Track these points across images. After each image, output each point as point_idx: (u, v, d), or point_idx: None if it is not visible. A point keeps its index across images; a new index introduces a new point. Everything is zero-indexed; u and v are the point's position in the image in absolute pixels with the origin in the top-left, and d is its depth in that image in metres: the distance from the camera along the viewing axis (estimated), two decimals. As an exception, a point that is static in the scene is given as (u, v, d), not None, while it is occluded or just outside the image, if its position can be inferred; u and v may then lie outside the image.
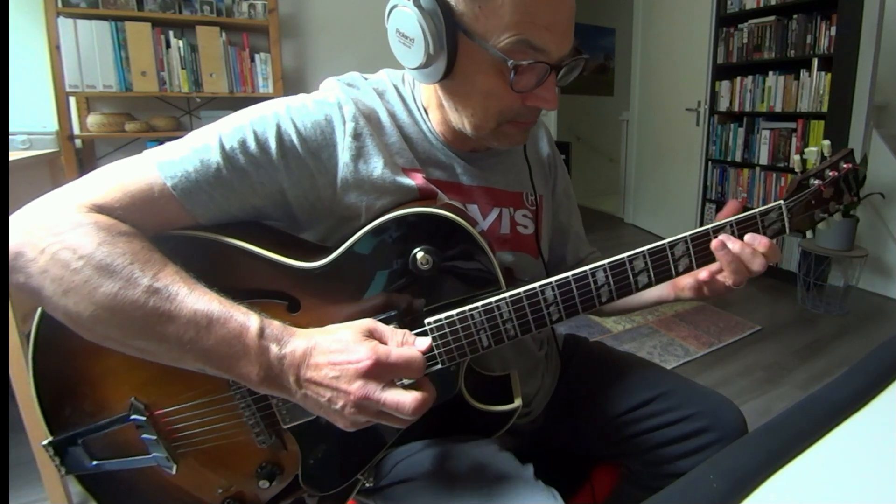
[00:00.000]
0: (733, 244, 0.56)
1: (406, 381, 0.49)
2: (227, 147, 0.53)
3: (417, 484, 0.60)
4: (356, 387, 0.45)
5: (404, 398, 0.46)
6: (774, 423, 0.48)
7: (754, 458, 0.43)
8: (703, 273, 0.61)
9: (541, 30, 0.51)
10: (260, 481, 0.57)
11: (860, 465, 0.44)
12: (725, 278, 0.59)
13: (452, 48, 0.53)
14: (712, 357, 2.10)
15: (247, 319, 0.46)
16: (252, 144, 0.53)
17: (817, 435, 0.46)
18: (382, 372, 0.46)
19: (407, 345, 0.49)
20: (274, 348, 0.46)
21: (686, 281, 0.65)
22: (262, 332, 0.46)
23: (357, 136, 0.57)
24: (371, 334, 0.49)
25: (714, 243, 0.56)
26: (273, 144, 0.54)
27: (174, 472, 0.56)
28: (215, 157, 0.52)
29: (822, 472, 0.42)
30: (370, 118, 0.60)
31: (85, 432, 0.55)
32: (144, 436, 0.55)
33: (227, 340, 0.45)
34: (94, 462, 0.56)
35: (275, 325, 0.48)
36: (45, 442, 0.55)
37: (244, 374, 0.46)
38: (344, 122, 0.57)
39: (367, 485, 0.62)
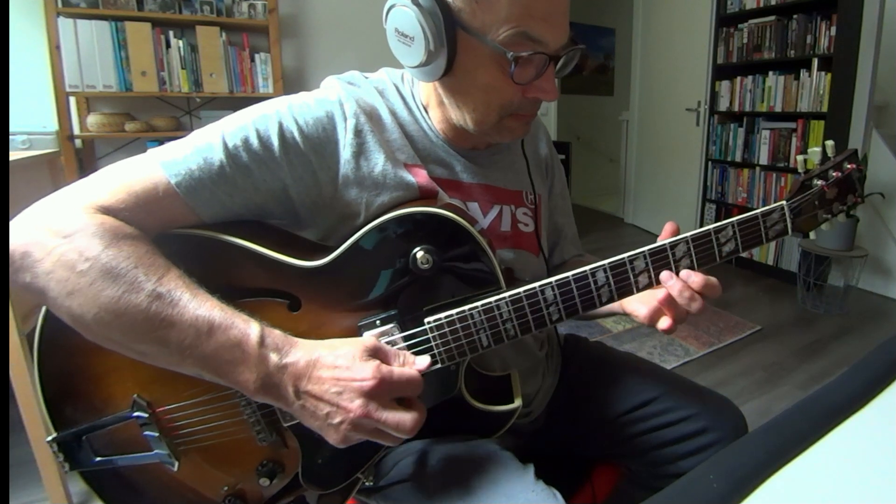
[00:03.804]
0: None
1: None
2: (231, 145, 0.53)
3: (417, 483, 0.60)
4: (357, 405, 0.46)
5: (405, 417, 0.47)
6: (774, 423, 0.48)
7: (754, 458, 0.43)
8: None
9: (538, 21, 0.52)
10: (260, 479, 0.57)
11: (860, 465, 0.44)
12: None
13: (452, 44, 0.53)
14: (712, 357, 2.10)
15: (247, 327, 0.47)
16: (255, 142, 0.54)
17: (817, 435, 0.46)
18: (384, 391, 0.47)
19: (408, 365, 0.51)
20: (274, 357, 0.46)
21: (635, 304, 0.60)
22: (262, 341, 0.46)
23: (358, 132, 0.58)
24: (375, 353, 0.49)
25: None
26: (276, 141, 0.54)
27: (176, 468, 0.56)
28: (218, 155, 0.52)
29: (822, 472, 0.43)
30: (371, 115, 0.60)
31: (88, 429, 0.55)
32: (147, 433, 0.55)
33: (227, 347, 0.46)
34: (98, 458, 0.56)
35: (276, 335, 0.48)
36: (49, 438, 0.55)
37: (241, 382, 0.46)
38: (345, 119, 0.58)
39: (367, 483, 0.62)
